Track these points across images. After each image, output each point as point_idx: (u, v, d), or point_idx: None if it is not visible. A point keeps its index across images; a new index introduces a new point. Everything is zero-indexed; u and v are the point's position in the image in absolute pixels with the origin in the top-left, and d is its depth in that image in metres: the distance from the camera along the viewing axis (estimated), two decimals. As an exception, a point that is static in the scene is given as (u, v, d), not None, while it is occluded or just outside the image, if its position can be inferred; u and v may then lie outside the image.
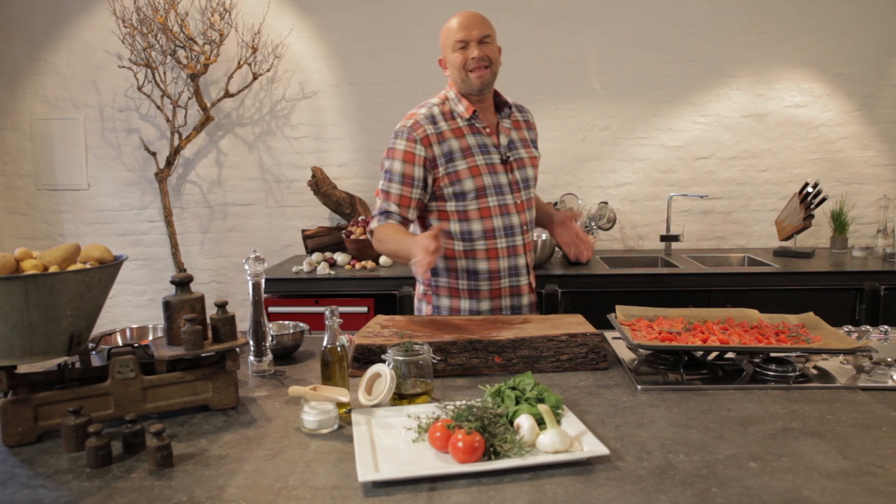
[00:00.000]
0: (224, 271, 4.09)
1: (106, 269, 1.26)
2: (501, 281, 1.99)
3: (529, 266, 2.06)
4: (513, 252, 1.98)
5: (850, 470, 1.07)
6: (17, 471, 1.12)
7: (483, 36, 1.88)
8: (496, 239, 1.96)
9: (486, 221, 1.94)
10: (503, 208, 1.95)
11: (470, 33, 1.87)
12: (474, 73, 1.88)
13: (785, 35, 3.74)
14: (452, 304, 2.01)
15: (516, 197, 1.97)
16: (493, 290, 1.98)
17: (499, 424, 1.15)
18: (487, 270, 1.97)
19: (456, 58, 1.89)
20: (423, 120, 1.92)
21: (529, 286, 2.07)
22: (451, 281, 2.00)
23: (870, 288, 3.09)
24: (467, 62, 1.88)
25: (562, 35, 3.80)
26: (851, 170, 3.84)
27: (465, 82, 1.91)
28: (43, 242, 4.09)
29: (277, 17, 3.85)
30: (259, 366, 1.62)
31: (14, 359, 1.19)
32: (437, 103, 1.97)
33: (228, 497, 1.01)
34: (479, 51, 1.87)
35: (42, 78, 3.96)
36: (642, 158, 3.89)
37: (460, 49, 1.88)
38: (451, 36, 1.89)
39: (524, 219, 2.00)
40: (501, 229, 1.96)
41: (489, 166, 1.93)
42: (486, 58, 1.88)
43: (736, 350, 1.58)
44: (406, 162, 1.89)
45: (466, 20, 1.89)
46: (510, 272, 1.99)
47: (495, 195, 1.94)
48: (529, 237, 2.04)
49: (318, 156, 3.96)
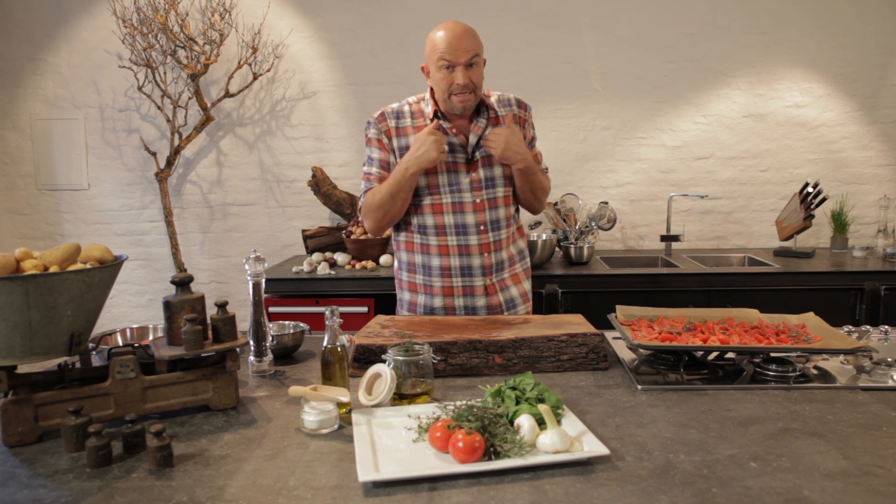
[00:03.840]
0: (224, 271, 4.09)
1: (106, 269, 1.26)
2: (454, 279, 1.99)
3: (490, 267, 1.99)
4: (465, 251, 1.97)
5: (851, 470, 1.07)
6: (18, 471, 1.12)
7: (471, 58, 1.80)
8: (447, 235, 1.96)
9: (437, 217, 1.96)
10: (457, 206, 1.95)
11: (458, 57, 1.79)
12: (457, 98, 1.84)
13: (785, 35, 3.74)
14: (411, 299, 2.05)
15: (476, 195, 1.95)
16: (444, 287, 1.99)
17: (499, 424, 1.15)
18: (439, 267, 1.98)
19: (440, 78, 1.84)
20: (389, 113, 1.98)
21: (488, 287, 2.00)
22: (410, 275, 2.05)
23: (870, 288, 3.09)
24: (452, 86, 1.83)
25: (562, 35, 3.80)
26: (852, 170, 3.84)
27: (446, 102, 1.87)
28: (43, 242, 4.09)
29: (278, 17, 3.85)
30: (259, 366, 1.62)
31: (14, 359, 1.19)
32: (413, 101, 2.00)
33: (229, 497, 1.01)
34: (465, 77, 1.80)
35: (42, 78, 3.96)
36: (642, 158, 3.89)
37: (445, 69, 1.82)
38: (437, 52, 1.81)
39: (482, 218, 1.96)
40: (453, 226, 1.96)
41: (449, 164, 1.94)
42: (470, 84, 1.83)
43: (736, 350, 1.58)
44: (379, 148, 1.98)
45: (455, 39, 1.79)
46: (462, 271, 1.98)
47: (449, 192, 1.94)
48: (490, 237, 1.97)
49: (318, 156, 3.96)
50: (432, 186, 1.94)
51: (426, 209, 1.96)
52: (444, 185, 1.94)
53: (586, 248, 3.39)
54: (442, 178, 1.94)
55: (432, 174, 1.94)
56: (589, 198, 3.88)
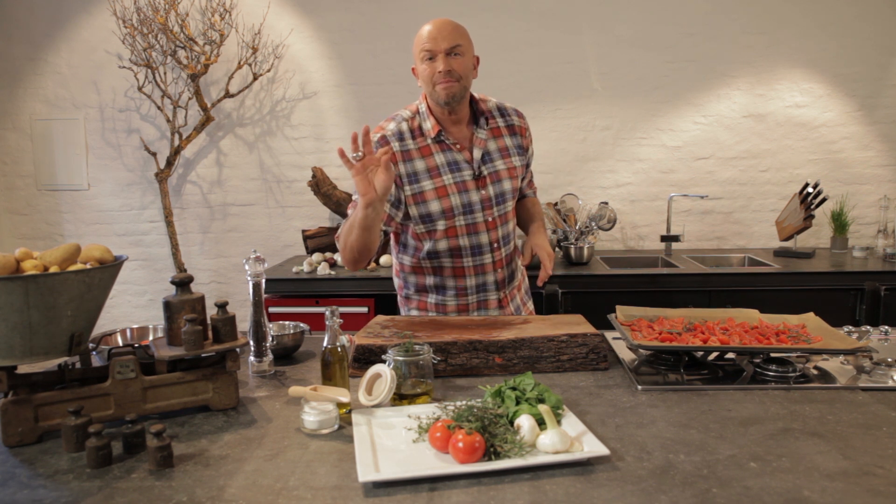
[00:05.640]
0: (224, 271, 4.09)
1: (106, 270, 1.26)
2: (469, 297, 1.96)
3: (503, 281, 1.98)
4: (480, 270, 1.94)
5: (851, 470, 1.07)
6: (18, 471, 1.12)
7: (452, 47, 1.78)
8: (462, 258, 1.92)
9: (451, 241, 1.90)
10: (471, 227, 1.90)
11: (438, 44, 1.77)
12: (441, 86, 1.79)
13: (785, 35, 3.74)
14: None
15: (487, 214, 1.91)
16: (459, 305, 1.96)
17: (499, 425, 1.15)
18: (454, 287, 1.95)
19: (424, 69, 1.81)
20: (390, 136, 1.86)
21: (501, 300, 2.00)
22: (420, 295, 2.00)
23: (870, 288, 3.09)
24: (434, 75, 1.80)
25: (562, 35, 3.80)
26: (852, 170, 3.84)
27: (433, 94, 1.83)
28: (43, 242, 4.09)
29: (278, 17, 3.85)
30: (259, 366, 1.62)
31: (14, 359, 1.19)
32: (408, 117, 1.90)
33: (229, 497, 1.01)
34: (446, 64, 1.77)
35: (42, 78, 3.96)
36: (642, 159, 3.89)
37: (427, 60, 1.80)
38: (419, 45, 1.80)
39: (495, 236, 1.93)
40: (468, 248, 1.91)
41: (458, 185, 1.87)
42: (453, 72, 1.78)
43: (736, 350, 1.58)
44: None
45: (436, 29, 1.78)
46: (478, 289, 1.96)
47: (463, 214, 1.88)
48: (503, 253, 1.96)
49: (318, 156, 3.96)
50: (446, 210, 1.86)
51: (439, 234, 1.88)
52: (458, 207, 1.87)
53: (586, 248, 3.39)
54: (455, 200, 1.86)
55: (444, 197, 1.86)
56: (589, 198, 3.88)
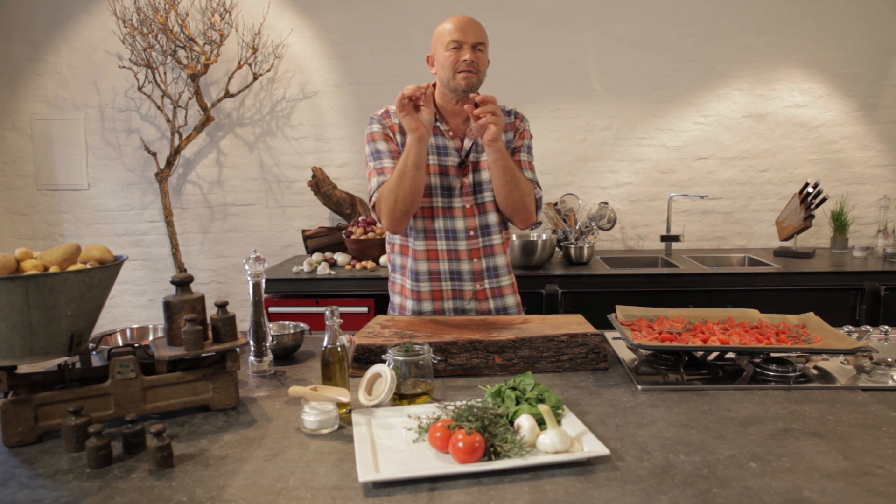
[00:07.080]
0: (224, 271, 4.09)
1: (106, 270, 1.26)
2: (443, 283, 1.99)
3: (479, 273, 1.99)
4: (454, 256, 1.98)
5: (851, 470, 1.07)
6: (18, 471, 1.12)
7: (478, 42, 1.88)
8: (436, 240, 1.97)
9: (427, 221, 1.96)
10: (447, 211, 1.96)
11: (467, 36, 1.87)
12: (462, 75, 1.87)
13: (785, 35, 3.74)
14: (401, 303, 2.06)
15: (465, 201, 1.97)
16: (433, 291, 1.99)
17: (499, 425, 1.15)
18: (427, 272, 1.99)
19: (447, 56, 1.88)
20: (392, 112, 1.98)
21: (477, 293, 2.00)
22: (402, 278, 2.05)
23: (870, 288, 3.09)
24: (458, 63, 1.87)
25: (562, 35, 3.80)
26: (852, 170, 3.84)
27: (450, 82, 1.90)
28: (43, 242, 4.09)
29: (278, 17, 3.85)
30: (259, 366, 1.62)
31: (14, 359, 1.19)
32: None
33: (229, 497, 1.01)
34: (472, 55, 1.87)
35: (42, 78, 3.96)
36: (642, 158, 3.89)
37: (453, 49, 1.87)
38: (447, 35, 1.89)
39: (472, 224, 1.98)
40: (442, 231, 1.97)
41: (441, 167, 1.95)
42: (475, 63, 1.88)
43: (736, 350, 1.58)
44: (386, 140, 1.97)
45: (466, 23, 1.89)
46: (451, 275, 1.99)
47: (441, 196, 1.96)
48: (479, 243, 1.99)
49: (318, 156, 3.96)
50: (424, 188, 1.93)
51: (417, 212, 1.96)
52: (437, 188, 1.95)
53: (586, 248, 3.39)
54: (434, 180, 1.95)
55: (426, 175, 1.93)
56: (589, 198, 3.88)
